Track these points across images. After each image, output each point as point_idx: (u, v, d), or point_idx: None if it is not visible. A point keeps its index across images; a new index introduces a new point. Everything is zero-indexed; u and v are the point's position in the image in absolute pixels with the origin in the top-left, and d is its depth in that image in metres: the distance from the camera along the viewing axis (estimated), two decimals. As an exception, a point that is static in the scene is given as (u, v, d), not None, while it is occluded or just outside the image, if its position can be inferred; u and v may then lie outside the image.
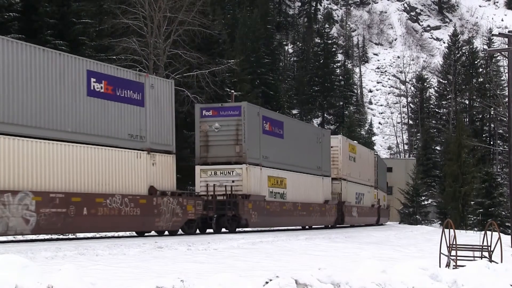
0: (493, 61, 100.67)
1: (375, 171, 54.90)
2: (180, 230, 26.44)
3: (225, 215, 28.58)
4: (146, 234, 25.83)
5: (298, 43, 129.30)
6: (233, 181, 29.46)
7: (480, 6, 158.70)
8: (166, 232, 26.02)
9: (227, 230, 29.08)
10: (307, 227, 39.74)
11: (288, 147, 34.71)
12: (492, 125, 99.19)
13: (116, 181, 22.95)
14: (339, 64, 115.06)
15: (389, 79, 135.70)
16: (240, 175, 29.62)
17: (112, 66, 24.82)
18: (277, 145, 33.44)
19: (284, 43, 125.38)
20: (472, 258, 16.27)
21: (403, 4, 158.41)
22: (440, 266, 15.01)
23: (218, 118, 30.03)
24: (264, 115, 32.40)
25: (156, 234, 25.93)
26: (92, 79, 22.53)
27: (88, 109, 22.25)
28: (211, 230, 28.71)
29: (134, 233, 26.31)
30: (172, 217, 25.23)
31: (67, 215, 20.61)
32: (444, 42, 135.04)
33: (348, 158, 45.19)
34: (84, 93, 22.18)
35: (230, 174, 29.69)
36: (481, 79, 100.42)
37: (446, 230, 16.24)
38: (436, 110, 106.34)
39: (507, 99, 34.53)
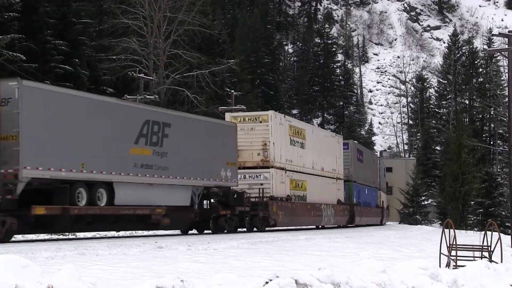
0: (493, 61, 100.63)
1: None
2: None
3: None
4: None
5: (298, 43, 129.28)
6: None
7: (480, 6, 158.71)
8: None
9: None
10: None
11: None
12: (492, 125, 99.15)
13: None
14: (339, 64, 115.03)
15: (389, 79, 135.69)
16: None
17: None
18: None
19: (284, 43, 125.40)
20: (472, 258, 16.25)
21: (403, 4, 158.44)
22: (440, 266, 15.00)
23: None
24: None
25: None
26: None
27: None
28: (209, 231, 28.79)
29: (134, 233, 26.34)
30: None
31: None
32: (444, 42, 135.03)
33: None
34: None
35: None
36: (481, 79, 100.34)
37: (446, 230, 16.22)
38: (436, 110, 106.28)
39: (507, 99, 34.52)
